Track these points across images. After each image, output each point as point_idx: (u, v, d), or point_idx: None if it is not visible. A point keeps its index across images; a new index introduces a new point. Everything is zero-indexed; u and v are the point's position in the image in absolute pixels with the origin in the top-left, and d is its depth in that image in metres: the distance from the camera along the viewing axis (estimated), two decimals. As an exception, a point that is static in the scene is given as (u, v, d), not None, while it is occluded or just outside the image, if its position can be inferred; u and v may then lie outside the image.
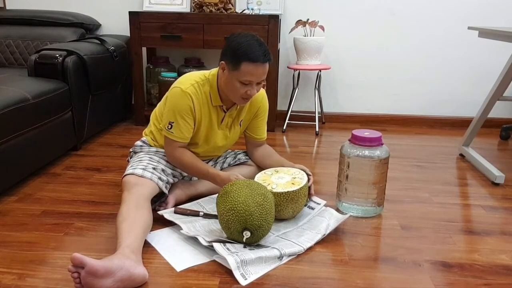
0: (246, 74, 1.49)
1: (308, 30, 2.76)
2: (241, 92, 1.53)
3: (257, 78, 1.51)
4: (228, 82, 1.54)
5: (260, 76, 1.51)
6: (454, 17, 2.86)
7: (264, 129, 1.82)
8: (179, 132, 1.59)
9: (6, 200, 1.74)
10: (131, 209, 1.37)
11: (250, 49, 1.48)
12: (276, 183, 1.55)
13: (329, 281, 1.26)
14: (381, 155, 1.60)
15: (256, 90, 1.55)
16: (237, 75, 1.50)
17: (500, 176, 2.00)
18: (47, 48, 2.27)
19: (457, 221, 1.65)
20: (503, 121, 2.96)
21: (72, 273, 1.10)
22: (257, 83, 1.54)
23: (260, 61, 1.48)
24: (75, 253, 1.09)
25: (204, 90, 1.60)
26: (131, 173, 1.52)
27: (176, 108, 1.57)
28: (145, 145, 1.74)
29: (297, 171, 1.63)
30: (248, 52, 1.47)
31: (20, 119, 1.80)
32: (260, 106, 1.75)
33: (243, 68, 1.48)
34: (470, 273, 1.32)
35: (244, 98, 1.56)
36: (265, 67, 1.51)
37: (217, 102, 1.63)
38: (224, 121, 1.68)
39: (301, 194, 1.53)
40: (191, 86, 1.58)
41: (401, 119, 3.06)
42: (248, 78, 1.49)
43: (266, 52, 1.50)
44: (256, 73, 1.49)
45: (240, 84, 1.51)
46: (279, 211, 1.52)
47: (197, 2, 2.77)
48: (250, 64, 1.47)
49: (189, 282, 1.24)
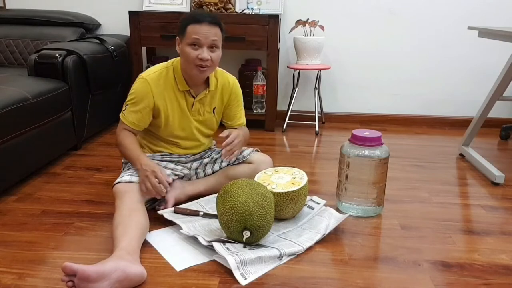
0: (191, 34, 1.52)
1: (308, 30, 2.76)
2: (193, 57, 1.53)
3: (204, 38, 1.52)
4: (182, 54, 1.57)
5: (206, 35, 1.52)
6: (454, 17, 2.86)
7: (241, 115, 1.83)
8: (128, 116, 1.62)
9: (6, 200, 1.74)
10: (124, 214, 1.37)
11: (193, 13, 1.57)
12: (276, 183, 1.55)
13: (329, 281, 1.26)
14: (381, 155, 1.60)
15: (208, 55, 1.54)
16: (186, 40, 1.55)
17: (500, 176, 2.00)
18: (47, 47, 2.27)
19: (457, 221, 1.65)
20: (503, 121, 2.95)
21: (66, 283, 1.10)
22: (209, 47, 1.54)
23: (205, 21, 1.52)
24: (65, 263, 1.09)
25: (169, 76, 1.64)
26: (119, 181, 1.53)
27: (133, 93, 1.62)
28: None
29: (297, 170, 1.63)
30: (192, 15, 1.55)
31: (20, 118, 1.80)
32: (231, 92, 1.76)
33: (189, 30, 1.53)
34: (470, 273, 1.32)
35: (198, 66, 1.55)
36: (211, 28, 1.53)
37: (184, 86, 1.64)
38: (194, 107, 1.69)
39: (301, 194, 1.52)
40: (153, 74, 1.63)
41: (401, 119, 3.06)
42: (195, 36, 1.52)
43: (211, 15, 1.55)
44: (201, 32, 1.52)
45: (190, 48, 1.54)
46: (279, 211, 1.52)
47: (197, 1, 2.76)
48: (195, 25, 1.52)
49: (189, 281, 1.24)
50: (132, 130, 1.64)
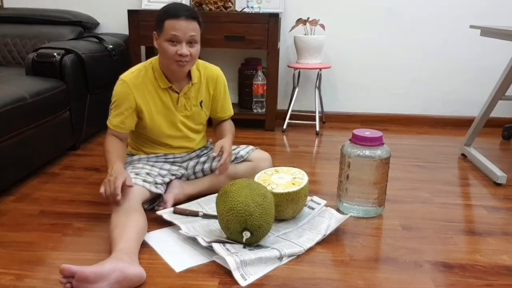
0: (169, 30, 1.50)
1: (309, 28, 2.75)
2: (172, 53, 1.52)
3: (182, 34, 1.50)
4: (160, 49, 1.56)
5: (184, 31, 1.50)
6: (456, 16, 2.85)
7: (228, 105, 1.82)
8: (112, 120, 1.62)
9: (4, 200, 1.73)
10: (121, 216, 1.37)
11: (170, 8, 1.53)
12: (276, 183, 1.54)
13: (330, 282, 1.25)
14: (382, 155, 1.59)
15: (187, 50, 1.52)
16: (163, 36, 1.52)
17: (502, 176, 1.98)
18: (45, 46, 2.26)
19: (458, 221, 1.64)
20: (505, 121, 2.94)
21: (65, 285, 1.09)
22: (188, 42, 1.53)
23: (182, 15, 1.50)
24: (63, 264, 1.09)
25: (149, 75, 1.62)
26: None
27: (114, 97, 1.62)
28: (128, 156, 1.75)
29: (297, 170, 1.62)
30: (169, 10, 1.52)
31: (18, 118, 1.79)
32: (216, 84, 1.75)
33: (166, 26, 1.51)
34: (471, 274, 1.31)
35: (177, 61, 1.54)
36: (189, 23, 1.51)
37: (165, 83, 1.63)
38: (179, 103, 1.67)
39: (302, 194, 1.51)
40: (131, 74, 1.62)
41: (402, 118, 3.04)
42: (172, 32, 1.50)
43: (189, 9, 1.53)
44: (179, 27, 1.49)
45: (168, 44, 1.52)
46: (279, 211, 1.50)
47: (197, 0, 2.75)
48: (172, 20, 1.50)
49: (189, 282, 1.23)
50: (118, 134, 1.62)
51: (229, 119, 1.86)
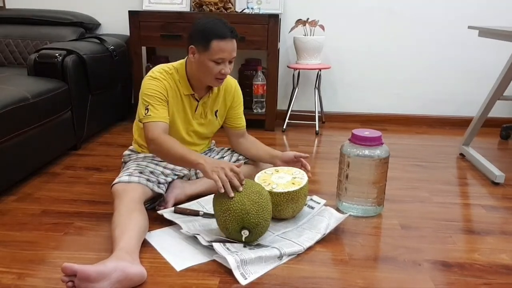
0: (217, 52, 1.51)
1: (308, 29, 2.76)
2: (215, 72, 1.54)
3: (228, 55, 1.53)
4: (201, 65, 1.55)
5: (230, 52, 1.54)
6: (454, 16, 2.86)
7: (242, 117, 1.84)
8: (156, 112, 1.55)
9: (6, 200, 1.74)
10: (122, 214, 1.37)
11: (216, 27, 1.52)
12: (276, 182, 1.55)
13: (329, 281, 1.26)
14: (381, 155, 1.60)
15: (229, 68, 1.56)
16: (208, 55, 1.52)
17: (500, 175, 1.99)
18: (47, 47, 2.27)
19: (457, 220, 1.65)
20: (503, 121, 2.95)
21: (66, 283, 1.10)
22: (229, 61, 1.56)
23: (229, 36, 1.51)
24: (64, 263, 1.09)
25: (173, 78, 1.63)
26: (118, 181, 1.53)
27: (148, 91, 1.57)
28: (133, 153, 1.76)
29: (298, 170, 1.63)
30: (216, 30, 1.51)
31: (20, 118, 1.80)
32: (234, 95, 1.77)
33: (214, 46, 1.50)
34: (470, 273, 1.32)
35: (218, 79, 1.58)
36: (233, 43, 1.54)
37: (188, 90, 1.64)
38: (197, 110, 1.69)
39: (301, 194, 1.52)
40: (159, 74, 1.61)
41: (401, 118, 3.05)
42: (220, 55, 1.52)
43: (232, 29, 1.54)
44: (226, 49, 1.52)
45: (213, 63, 1.53)
46: (279, 211, 1.51)
47: (197, 1, 2.76)
48: (220, 41, 1.50)
49: (189, 281, 1.24)
50: (164, 127, 1.55)
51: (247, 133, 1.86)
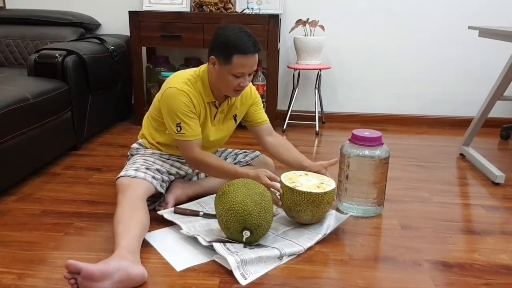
0: (238, 67, 1.50)
1: (308, 29, 2.76)
2: (234, 85, 1.54)
3: (249, 69, 1.53)
4: (221, 76, 1.54)
5: (251, 67, 1.53)
6: (454, 16, 2.86)
7: (263, 113, 1.82)
8: (190, 131, 1.56)
9: (6, 200, 1.74)
10: (126, 210, 1.37)
11: (239, 41, 1.48)
12: (301, 182, 1.52)
13: (329, 281, 1.26)
14: (381, 155, 1.60)
15: (248, 81, 1.56)
16: (229, 68, 1.51)
17: (500, 175, 1.99)
18: (47, 47, 2.27)
19: (457, 220, 1.65)
20: (503, 121, 2.95)
21: (69, 280, 1.10)
22: (249, 74, 1.55)
23: (251, 52, 1.49)
24: (69, 260, 1.09)
25: (197, 87, 1.60)
26: (124, 175, 1.52)
27: (178, 109, 1.55)
28: (141, 148, 1.75)
29: (328, 179, 1.59)
30: (238, 44, 1.48)
31: (20, 118, 1.80)
32: (253, 98, 1.76)
33: (235, 61, 1.49)
34: (470, 273, 1.32)
35: (236, 90, 1.57)
36: (255, 58, 1.52)
37: (210, 98, 1.62)
38: (216, 117, 1.69)
39: (324, 199, 1.46)
40: (185, 84, 1.58)
41: (401, 118, 3.05)
42: (241, 70, 1.50)
43: (255, 43, 1.51)
44: (247, 64, 1.51)
45: (233, 77, 1.52)
46: (298, 211, 1.47)
47: (197, 1, 2.77)
48: (242, 57, 1.48)
49: (189, 282, 1.24)
50: (200, 143, 1.59)
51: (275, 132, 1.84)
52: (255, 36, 1.53)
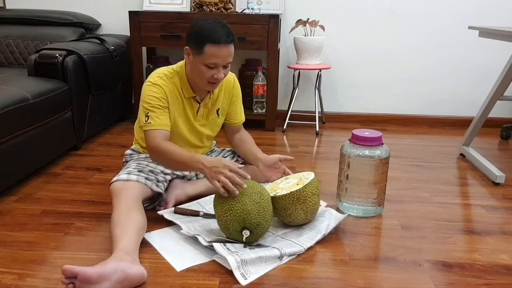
0: (210, 57, 1.48)
1: (308, 29, 2.76)
2: (208, 76, 1.52)
3: (222, 60, 1.50)
4: (194, 67, 1.54)
5: (224, 58, 1.50)
6: (454, 16, 2.86)
7: (242, 111, 1.82)
8: (157, 120, 1.54)
9: (6, 200, 1.74)
10: (122, 213, 1.37)
11: (212, 31, 1.47)
12: (281, 187, 1.53)
13: (329, 281, 1.26)
14: (382, 155, 1.60)
15: (223, 73, 1.54)
16: (201, 58, 1.49)
17: (500, 175, 1.99)
18: (47, 47, 2.27)
19: (457, 221, 1.65)
20: (503, 121, 2.95)
21: (67, 285, 1.10)
22: (224, 66, 1.53)
23: (223, 42, 1.47)
24: (65, 265, 1.09)
25: (174, 82, 1.60)
26: (117, 179, 1.52)
27: (148, 99, 1.55)
28: (134, 153, 1.76)
29: (306, 173, 1.59)
30: (211, 34, 1.46)
31: (20, 118, 1.80)
32: (233, 90, 1.76)
33: (207, 51, 1.47)
34: (470, 273, 1.32)
35: (211, 83, 1.55)
36: (229, 49, 1.50)
37: (189, 93, 1.62)
38: (199, 113, 1.68)
39: (308, 192, 1.46)
40: (159, 79, 1.58)
41: (402, 118, 3.05)
42: (213, 60, 1.49)
43: (229, 33, 1.49)
44: (220, 55, 1.48)
45: (205, 68, 1.51)
46: (290, 215, 1.47)
47: (197, 1, 2.77)
48: (214, 46, 1.46)
49: (189, 282, 1.24)
50: (165, 134, 1.55)
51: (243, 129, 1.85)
52: (230, 28, 1.51)
